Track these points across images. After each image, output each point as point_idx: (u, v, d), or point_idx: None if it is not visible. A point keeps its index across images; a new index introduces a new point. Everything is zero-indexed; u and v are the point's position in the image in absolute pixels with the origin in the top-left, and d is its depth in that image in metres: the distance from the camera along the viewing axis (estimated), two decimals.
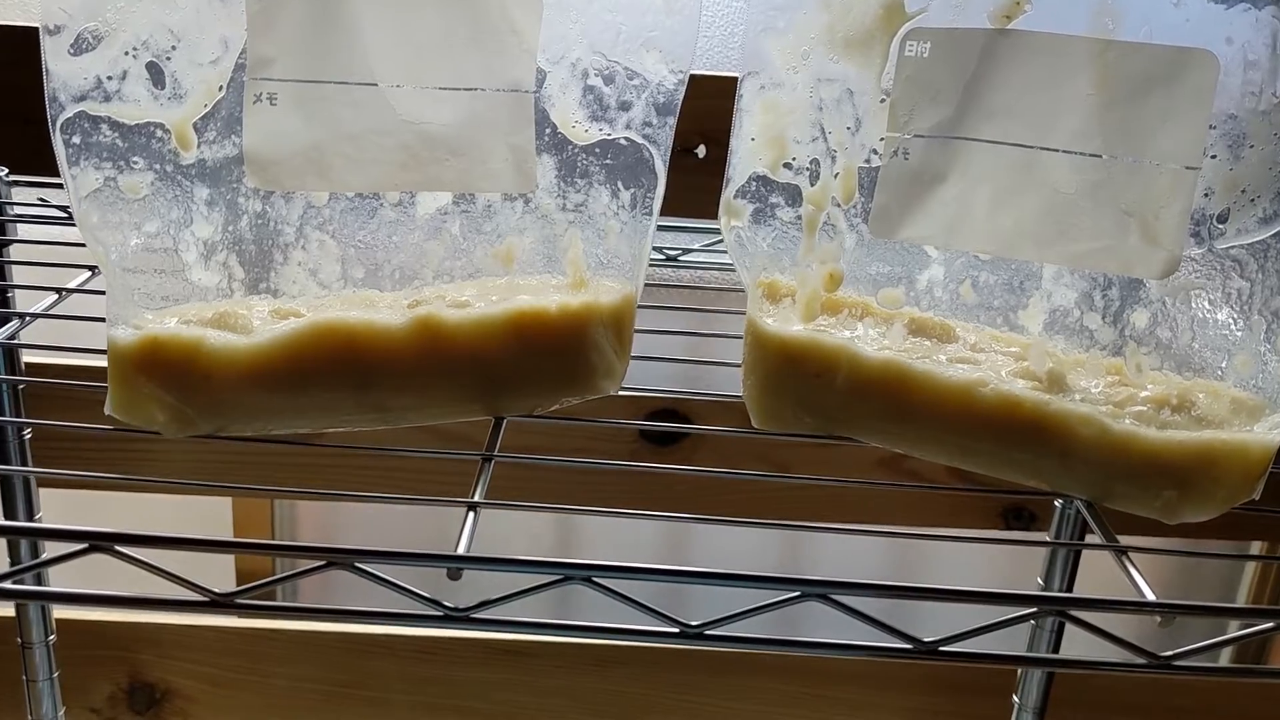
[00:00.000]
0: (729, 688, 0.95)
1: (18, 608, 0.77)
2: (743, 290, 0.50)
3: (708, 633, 0.38)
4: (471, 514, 0.40)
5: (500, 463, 0.46)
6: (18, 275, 0.70)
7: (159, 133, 0.43)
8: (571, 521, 1.11)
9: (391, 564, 0.38)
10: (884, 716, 0.96)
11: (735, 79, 0.47)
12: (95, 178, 0.42)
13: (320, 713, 0.97)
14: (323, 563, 0.37)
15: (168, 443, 0.84)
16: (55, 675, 0.80)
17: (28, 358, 0.77)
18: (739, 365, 0.51)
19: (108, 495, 1.01)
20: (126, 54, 0.41)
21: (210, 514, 1.06)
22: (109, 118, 0.42)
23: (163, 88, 0.42)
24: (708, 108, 0.53)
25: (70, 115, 0.41)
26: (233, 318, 0.45)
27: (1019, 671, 0.82)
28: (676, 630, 0.38)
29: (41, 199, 0.73)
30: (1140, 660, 0.37)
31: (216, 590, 0.37)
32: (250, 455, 0.85)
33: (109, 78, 0.41)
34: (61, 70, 0.40)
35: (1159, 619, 0.37)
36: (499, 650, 0.94)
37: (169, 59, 0.42)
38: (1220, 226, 0.42)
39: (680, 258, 0.75)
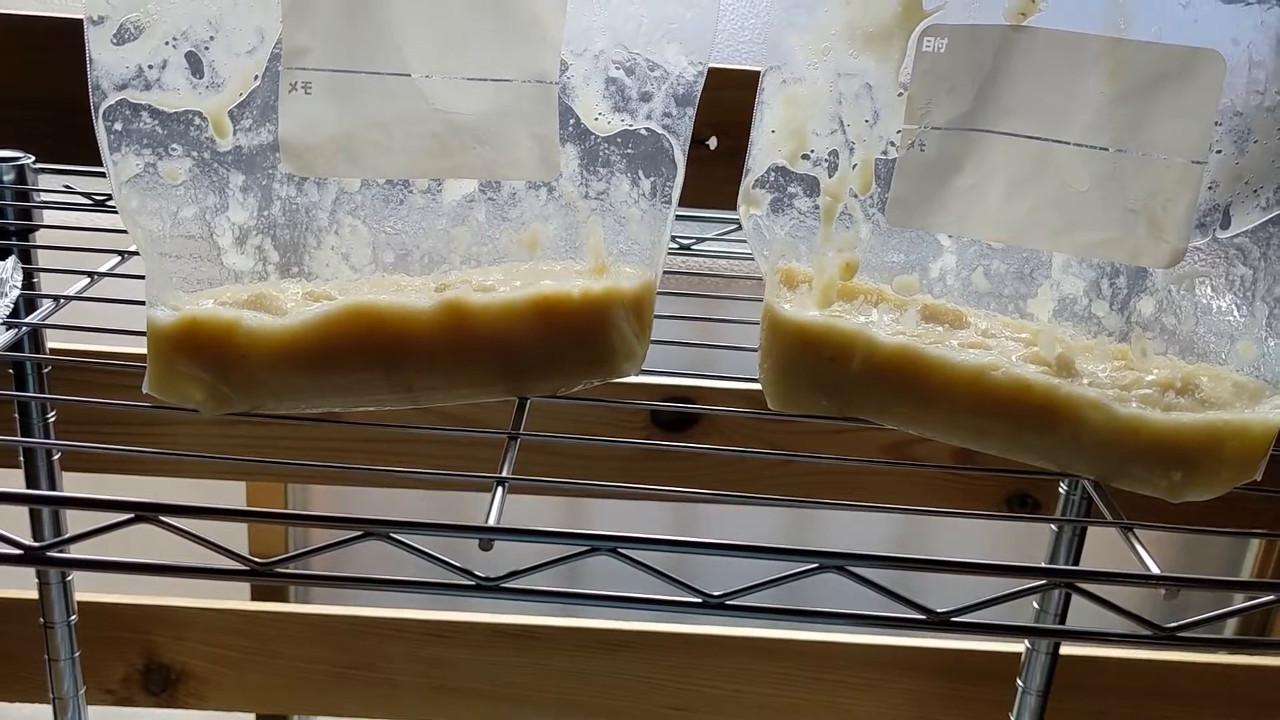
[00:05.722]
0: (735, 671, 0.97)
1: (40, 588, 0.79)
2: (752, 279, 0.51)
3: (729, 603, 0.39)
4: (500, 489, 0.42)
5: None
6: (42, 260, 0.71)
7: (197, 120, 0.44)
8: (581, 503, 1.13)
9: (425, 535, 0.39)
10: (889, 699, 0.97)
11: (747, 71, 0.48)
12: (135, 164, 0.43)
13: (331, 694, 0.99)
14: (359, 533, 0.39)
15: (187, 424, 0.86)
16: (76, 655, 0.81)
17: (50, 343, 0.78)
18: (751, 350, 0.52)
19: (120, 479, 1.02)
20: (166, 44, 0.42)
21: (225, 495, 1.07)
22: (149, 106, 0.43)
23: (201, 77, 0.43)
24: (719, 99, 0.54)
25: (112, 103, 0.42)
26: (267, 299, 0.46)
27: (1023, 655, 0.83)
28: (699, 600, 0.39)
29: (67, 186, 0.75)
30: (1145, 631, 0.38)
31: (258, 560, 0.39)
32: (268, 437, 0.87)
33: (149, 67, 0.42)
34: (104, 59, 0.42)
35: (1164, 592, 0.39)
36: (507, 633, 0.95)
37: (207, 49, 0.43)
38: (1224, 217, 0.43)
39: (694, 246, 0.76)
